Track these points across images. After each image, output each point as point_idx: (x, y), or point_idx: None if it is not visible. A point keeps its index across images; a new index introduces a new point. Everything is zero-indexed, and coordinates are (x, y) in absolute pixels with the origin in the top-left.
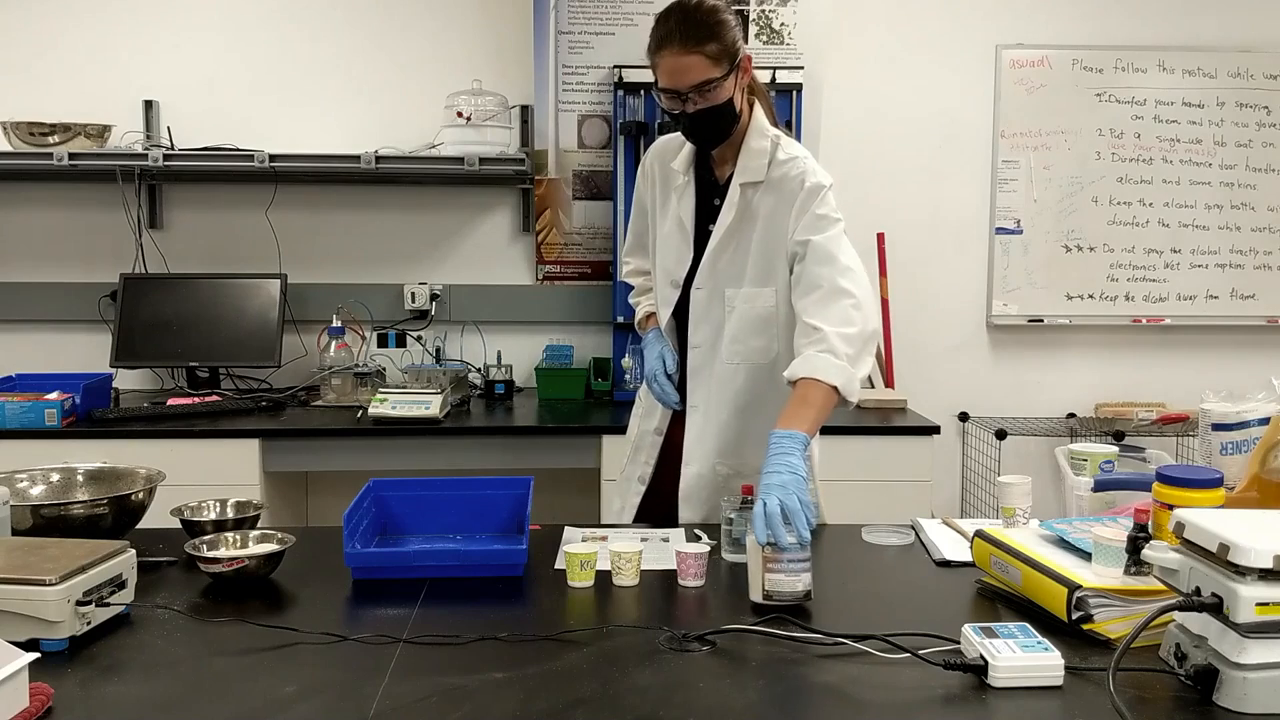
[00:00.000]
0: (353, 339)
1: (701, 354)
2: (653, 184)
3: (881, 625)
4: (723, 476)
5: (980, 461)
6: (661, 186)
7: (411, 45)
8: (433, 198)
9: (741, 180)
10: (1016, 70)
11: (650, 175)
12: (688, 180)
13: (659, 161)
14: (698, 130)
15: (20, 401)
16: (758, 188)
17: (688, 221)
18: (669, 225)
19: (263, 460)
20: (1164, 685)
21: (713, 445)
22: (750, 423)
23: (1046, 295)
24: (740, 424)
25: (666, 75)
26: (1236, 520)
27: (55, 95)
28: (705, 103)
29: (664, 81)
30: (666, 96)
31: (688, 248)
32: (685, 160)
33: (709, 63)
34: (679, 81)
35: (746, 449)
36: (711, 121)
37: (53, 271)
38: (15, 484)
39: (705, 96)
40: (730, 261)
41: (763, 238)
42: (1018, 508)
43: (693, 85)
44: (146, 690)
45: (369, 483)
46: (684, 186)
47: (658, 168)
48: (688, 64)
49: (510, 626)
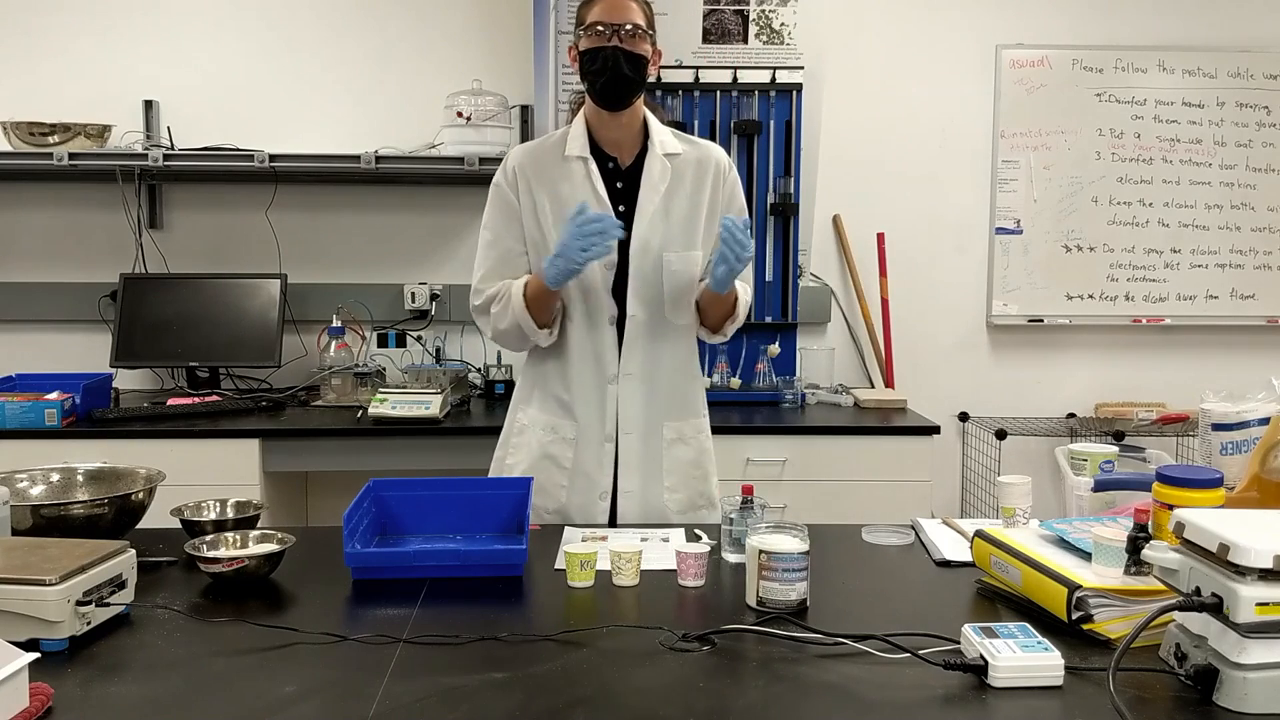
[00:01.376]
0: (353, 339)
1: (637, 322)
2: (528, 188)
3: (881, 625)
4: (668, 441)
5: (980, 461)
6: (551, 182)
7: (412, 45)
8: (433, 198)
9: (664, 151)
10: (1016, 70)
11: (521, 180)
12: (589, 161)
13: (533, 161)
14: (616, 74)
15: (20, 401)
16: (675, 159)
17: (606, 199)
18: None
19: (263, 460)
20: (1164, 685)
21: (653, 409)
22: (680, 383)
23: (1046, 295)
24: (673, 384)
25: (603, 11)
26: (1236, 520)
27: (55, 95)
28: (633, 48)
29: (600, 16)
30: (596, 34)
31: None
32: (581, 146)
33: (642, 15)
34: (617, 16)
35: (684, 409)
36: (634, 66)
37: (53, 271)
38: (15, 484)
39: (633, 42)
40: (664, 227)
41: (686, 204)
42: (1018, 508)
43: (629, 21)
44: (146, 690)
45: (369, 483)
46: (587, 169)
47: (531, 170)
48: (628, 5)
49: (510, 626)
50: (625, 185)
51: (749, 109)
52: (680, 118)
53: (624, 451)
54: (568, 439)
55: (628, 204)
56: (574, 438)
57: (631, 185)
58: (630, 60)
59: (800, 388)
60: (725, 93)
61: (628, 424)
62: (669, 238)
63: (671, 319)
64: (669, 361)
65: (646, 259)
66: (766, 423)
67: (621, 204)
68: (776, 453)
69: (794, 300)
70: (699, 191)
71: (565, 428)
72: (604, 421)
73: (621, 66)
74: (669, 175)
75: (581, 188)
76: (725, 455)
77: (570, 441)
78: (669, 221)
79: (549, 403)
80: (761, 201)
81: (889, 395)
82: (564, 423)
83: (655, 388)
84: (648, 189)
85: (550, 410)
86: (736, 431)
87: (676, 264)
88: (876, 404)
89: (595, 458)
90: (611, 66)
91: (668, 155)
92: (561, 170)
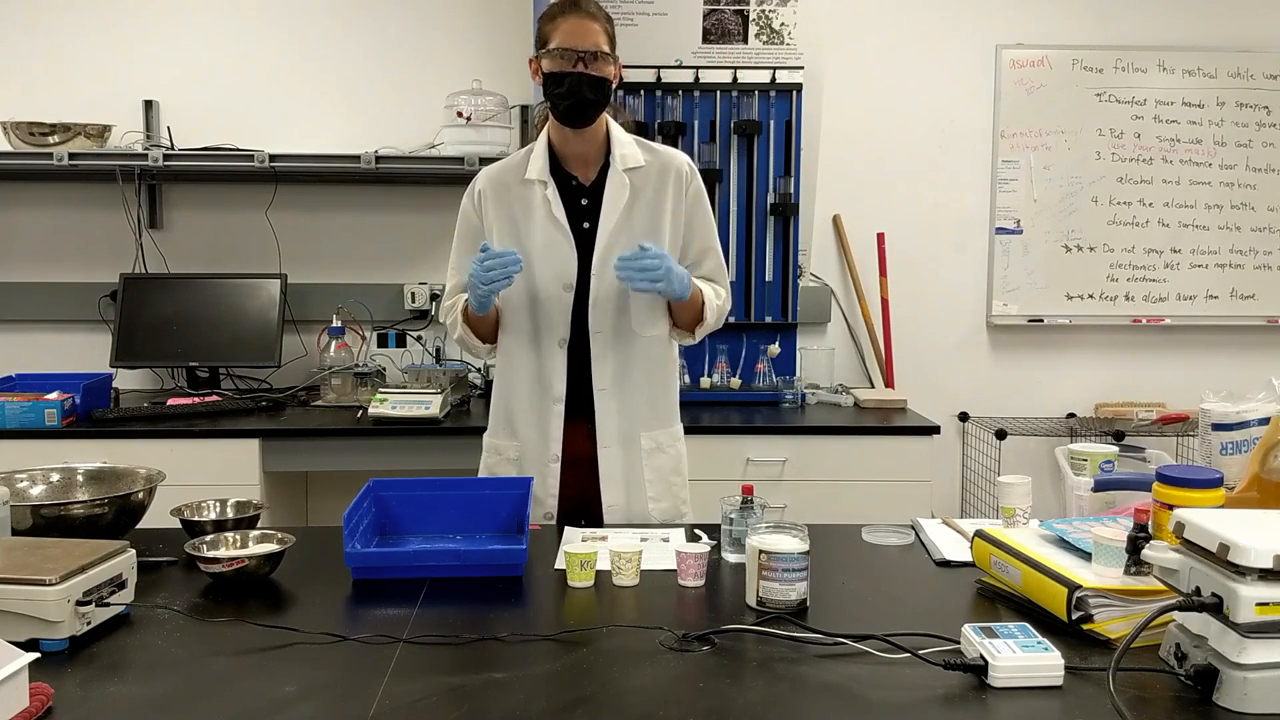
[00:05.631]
0: (353, 339)
1: (604, 338)
2: (494, 209)
3: (881, 625)
4: (646, 451)
5: (980, 461)
6: (509, 206)
7: (411, 45)
8: (433, 198)
9: (625, 167)
10: (1016, 70)
11: (485, 202)
12: (549, 184)
13: (494, 186)
14: (580, 99)
15: (20, 401)
16: (636, 172)
17: (563, 221)
18: (540, 235)
19: (263, 460)
20: (1164, 685)
21: (627, 420)
22: (654, 394)
23: (1046, 295)
24: (648, 395)
25: (567, 35)
26: (1236, 520)
27: (55, 95)
28: (596, 71)
29: (563, 41)
30: (560, 57)
31: (570, 245)
32: (541, 169)
33: (605, 38)
34: (580, 42)
35: (658, 418)
36: (598, 90)
37: (53, 271)
38: (15, 484)
39: (596, 65)
40: (627, 241)
41: (646, 215)
42: (1018, 508)
43: (593, 48)
44: (146, 690)
45: (369, 483)
46: (548, 192)
47: (493, 193)
48: (590, 28)
49: (510, 626)
50: (590, 202)
51: (749, 109)
52: (680, 118)
53: (604, 465)
54: (510, 459)
55: (591, 220)
56: (516, 458)
57: (595, 202)
58: (593, 85)
59: (800, 388)
60: (725, 93)
61: (605, 438)
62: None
63: (638, 331)
64: (641, 373)
65: (609, 275)
66: (766, 423)
67: (586, 220)
68: (776, 453)
69: (794, 300)
70: (660, 201)
71: (508, 448)
72: (547, 443)
73: (585, 92)
74: (627, 191)
75: (540, 210)
76: (725, 455)
77: (514, 462)
78: (631, 235)
79: (497, 423)
80: (761, 201)
81: (889, 395)
82: (506, 444)
83: (630, 400)
84: (609, 207)
85: (496, 430)
86: (736, 431)
87: None
88: (876, 404)
89: (540, 478)
90: (575, 91)
91: (629, 170)
92: (522, 193)
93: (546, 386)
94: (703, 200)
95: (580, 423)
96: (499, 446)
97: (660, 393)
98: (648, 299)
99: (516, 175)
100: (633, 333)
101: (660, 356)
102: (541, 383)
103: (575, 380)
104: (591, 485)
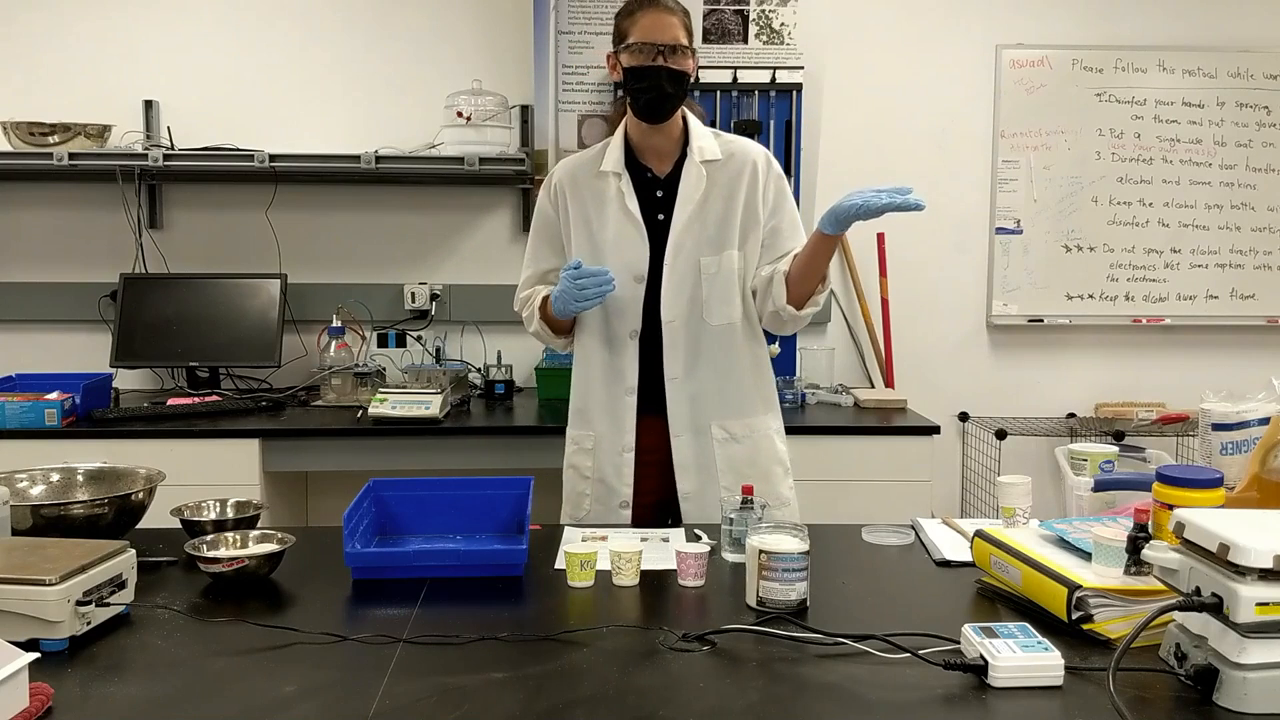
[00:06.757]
0: (353, 339)
1: (675, 327)
2: (569, 203)
3: (881, 625)
4: (719, 441)
5: (980, 461)
6: (584, 199)
7: (411, 45)
8: (433, 198)
9: (702, 159)
10: (1016, 70)
11: (562, 196)
12: (624, 177)
13: (571, 180)
14: (660, 93)
15: (20, 401)
16: (714, 164)
17: (636, 213)
18: (613, 227)
19: (263, 460)
20: (1164, 685)
21: (699, 409)
22: (725, 384)
23: (1046, 295)
24: (718, 385)
25: (646, 30)
26: (1236, 520)
27: (55, 95)
28: (676, 65)
29: (642, 36)
30: (639, 52)
31: (643, 237)
32: (616, 160)
33: (683, 31)
34: (660, 36)
35: (729, 408)
36: (677, 83)
37: (53, 271)
38: (15, 484)
39: (676, 59)
40: (700, 232)
41: (721, 206)
42: (1018, 508)
43: (672, 41)
44: (146, 690)
45: (369, 483)
46: (622, 184)
47: (569, 186)
48: (669, 22)
49: (510, 626)
50: (665, 194)
51: (749, 109)
52: None
53: (677, 454)
54: (586, 449)
55: (665, 212)
56: (592, 448)
57: (670, 194)
58: (674, 78)
59: (800, 388)
60: (725, 93)
61: (677, 427)
62: (703, 241)
63: (708, 320)
64: (711, 363)
65: (682, 265)
66: None
67: (660, 213)
68: None
69: None
70: (735, 193)
71: (584, 439)
72: (621, 432)
73: (665, 85)
74: (704, 183)
75: (613, 203)
76: None
77: (589, 452)
78: (704, 226)
79: (575, 414)
80: None
81: (889, 395)
82: (583, 434)
83: (700, 389)
84: (683, 199)
85: (574, 422)
86: None
87: (712, 267)
88: (876, 404)
89: (614, 467)
90: (656, 86)
91: (705, 162)
92: (597, 185)
93: (619, 377)
94: (785, 184)
95: (656, 418)
96: (576, 437)
97: (732, 382)
98: (719, 287)
99: (591, 168)
100: (703, 322)
101: (732, 346)
102: (614, 373)
103: (647, 371)
104: (669, 479)
